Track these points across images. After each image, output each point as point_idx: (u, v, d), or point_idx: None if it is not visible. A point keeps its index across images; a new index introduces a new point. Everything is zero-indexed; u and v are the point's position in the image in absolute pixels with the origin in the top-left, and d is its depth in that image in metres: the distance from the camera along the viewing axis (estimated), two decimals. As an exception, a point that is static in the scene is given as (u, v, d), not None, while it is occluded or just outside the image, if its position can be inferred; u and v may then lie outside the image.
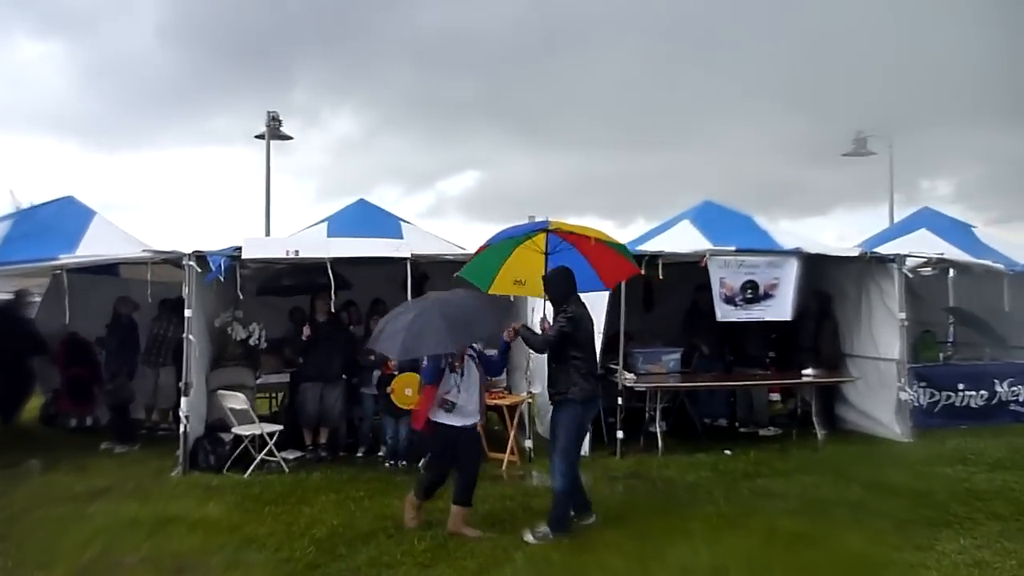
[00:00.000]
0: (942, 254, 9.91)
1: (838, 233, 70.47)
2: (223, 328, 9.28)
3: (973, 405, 10.49)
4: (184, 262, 8.42)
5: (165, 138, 42.82)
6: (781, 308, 9.38)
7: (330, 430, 9.04)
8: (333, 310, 8.77)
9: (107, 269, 9.69)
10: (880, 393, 9.89)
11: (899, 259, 9.69)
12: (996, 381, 10.51)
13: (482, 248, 6.77)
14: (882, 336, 9.94)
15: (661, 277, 9.01)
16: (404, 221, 10.15)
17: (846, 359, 10.36)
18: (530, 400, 8.91)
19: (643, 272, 9.12)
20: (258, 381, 9.36)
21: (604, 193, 42.89)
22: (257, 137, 18.15)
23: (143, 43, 36.63)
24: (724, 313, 9.29)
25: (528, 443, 8.89)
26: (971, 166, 31.95)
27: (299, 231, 10.24)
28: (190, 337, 8.32)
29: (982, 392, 10.49)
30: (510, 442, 8.57)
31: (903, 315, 9.63)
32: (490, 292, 6.80)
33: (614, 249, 6.63)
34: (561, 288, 6.19)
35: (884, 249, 10.63)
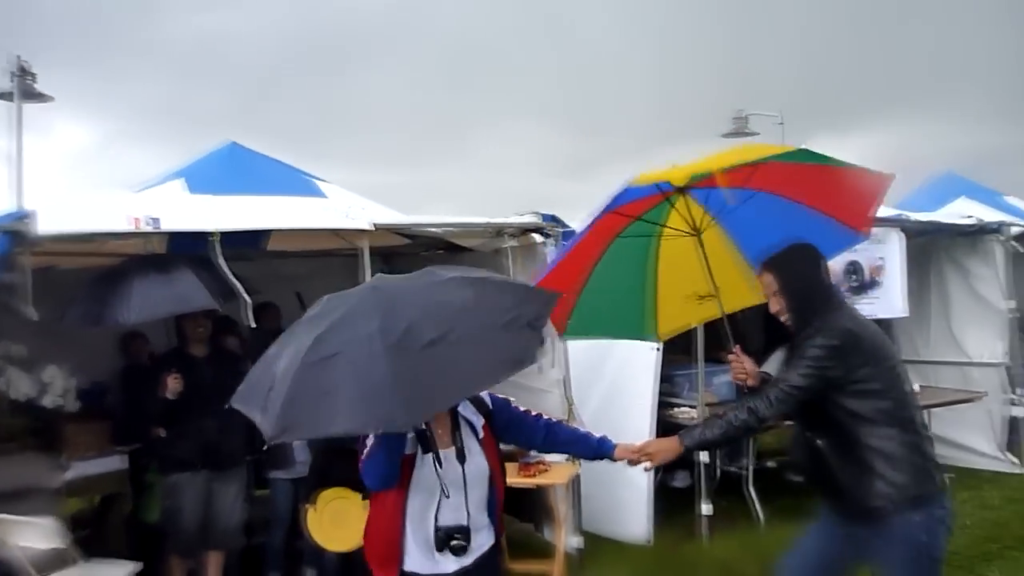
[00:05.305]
0: (1043, 220, 7.68)
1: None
2: (-14, 379, 4.76)
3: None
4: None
5: None
6: (891, 301, 6.60)
7: (224, 553, 4.83)
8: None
9: None
10: (967, 411, 7.41)
11: (1003, 229, 7.26)
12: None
13: (573, 255, 3.28)
14: (969, 334, 7.50)
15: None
16: (316, 178, 5.98)
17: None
18: (578, 471, 5.31)
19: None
20: (67, 475, 4.85)
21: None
22: (-1, 96, 12.49)
23: None
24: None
25: (575, 541, 5.33)
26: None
27: (135, 191, 5.67)
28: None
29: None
30: (560, 543, 4.97)
31: (1012, 304, 7.22)
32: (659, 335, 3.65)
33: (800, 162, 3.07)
34: (806, 281, 2.96)
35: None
